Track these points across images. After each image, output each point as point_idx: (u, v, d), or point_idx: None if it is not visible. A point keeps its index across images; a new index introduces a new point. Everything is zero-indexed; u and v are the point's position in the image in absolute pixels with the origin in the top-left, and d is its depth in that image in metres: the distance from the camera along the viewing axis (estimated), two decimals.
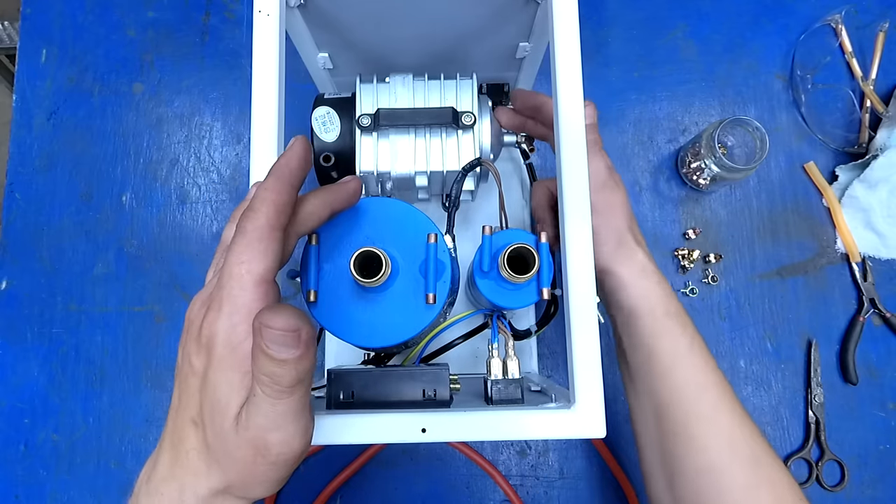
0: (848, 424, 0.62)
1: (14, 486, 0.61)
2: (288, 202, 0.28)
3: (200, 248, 0.66)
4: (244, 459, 0.27)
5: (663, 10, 0.71)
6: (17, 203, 0.67)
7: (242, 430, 0.27)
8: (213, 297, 0.28)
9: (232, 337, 0.27)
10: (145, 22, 0.71)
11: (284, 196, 0.28)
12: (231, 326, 0.27)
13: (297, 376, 0.26)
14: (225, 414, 0.27)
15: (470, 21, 0.47)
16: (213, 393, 0.27)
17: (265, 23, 0.39)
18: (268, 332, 0.25)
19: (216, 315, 0.27)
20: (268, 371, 0.25)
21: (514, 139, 0.54)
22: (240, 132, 0.69)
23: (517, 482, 0.61)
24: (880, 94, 0.69)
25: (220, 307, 0.27)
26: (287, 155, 0.29)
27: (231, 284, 0.27)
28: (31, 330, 0.64)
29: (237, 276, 0.27)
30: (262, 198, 0.28)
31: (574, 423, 0.35)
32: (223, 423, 0.27)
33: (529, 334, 0.46)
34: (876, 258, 0.65)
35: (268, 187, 0.28)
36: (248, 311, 0.27)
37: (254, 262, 0.27)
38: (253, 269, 0.27)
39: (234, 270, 0.27)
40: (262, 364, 0.25)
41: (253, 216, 0.27)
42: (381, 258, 0.34)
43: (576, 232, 0.37)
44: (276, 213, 0.28)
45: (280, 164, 0.29)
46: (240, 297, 0.27)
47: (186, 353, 0.29)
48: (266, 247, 0.27)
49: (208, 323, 0.27)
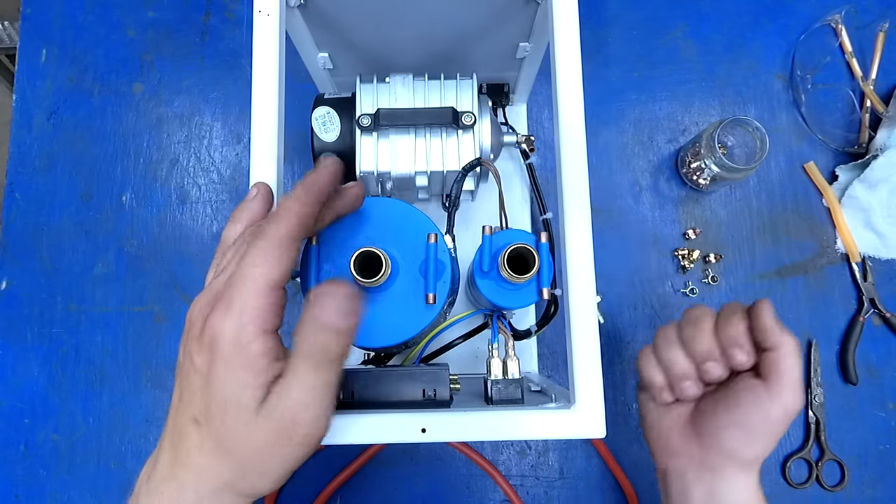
0: (848, 424, 0.62)
1: (14, 486, 0.61)
2: (311, 215, 0.29)
3: (200, 248, 0.66)
4: (263, 447, 0.28)
5: (663, 10, 0.71)
6: (17, 203, 0.67)
7: (266, 417, 0.27)
8: (219, 297, 0.28)
9: (241, 336, 0.27)
10: (145, 22, 0.71)
11: (309, 209, 0.29)
12: (240, 326, 0.27)
13: (342, 350, 0.28)
14: (239, 408, 0.27)
15: (470, 21, 0.47)
16: (222, 390, 0.27)
17: (265, 23, 0.39)
18: (332, 299, 0.27)
19: (223, 315, 0.27)
20: (319, 342, 0.27)
21: (513, 139, 0.54)
22: (240, 132, 0.69)
23: (517, 482, 0.61)
24: (880, 94, 0.69)
25: (228, 307, 0.27)
26: (319, 171, 0.31)
27: (244, 286, 0.27)
28: (31, 330, 0.64)
29: (251, 279, 0.27)
30: (287, 207, 0.29)
31: (574, 423, 0.35)
32: (237, 416, 0.27)
33: (529, 334, 0.46)
34: (876, 258, 0.65)
35: (296, 198, 0.29)
36: (258, 313, 0.27)
37: (269, 267, 0.27)
38: (267, 274, 0.27)
39: (249, 273, 0.27)
40: (314, 335, 0.27)
41: (276, 223, 0.28)
42: (381, 258, 0.34)
43: (576, 232, 0.37)
44: (298, 224, 0.29)
45: (311, 179, 0.30)
46: (251, 299, 0.27)
47: (188, 351, 0.29)
48: (282, 254, 0.28)
49: (214, 322, 0.27)
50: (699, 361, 0.43)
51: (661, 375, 0.46)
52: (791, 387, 0.41)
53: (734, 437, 0.43)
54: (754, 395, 0.42)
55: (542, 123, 0.69)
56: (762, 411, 0.41)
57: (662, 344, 0.45)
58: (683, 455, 0.45)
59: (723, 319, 0.43)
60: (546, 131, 0.69)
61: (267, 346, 0.28)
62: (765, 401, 0.41)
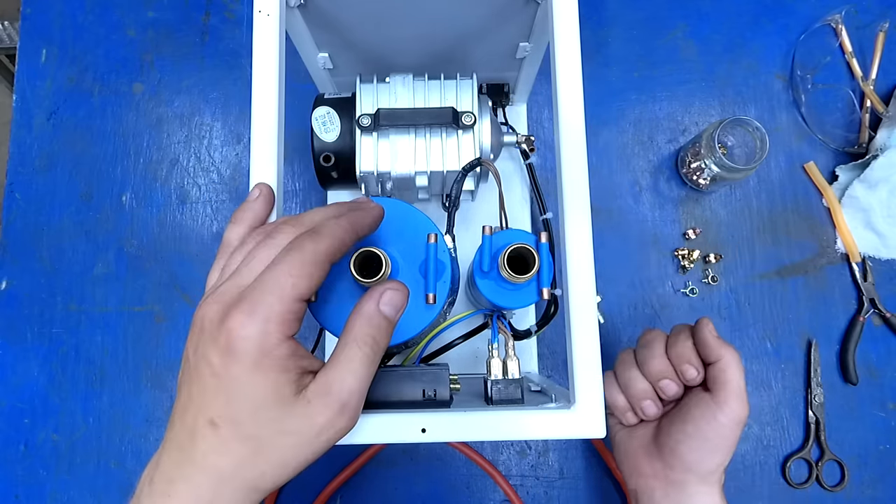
0: (848, 424, 0.62)
1: (14, 486, 0.61)
2: (349, 244, 0.31)
3: (200, 248, 0.66)
4: (298, 440, 0.29)
5: (663, 10, 0.71)
6: (17, 203, 0.67)
7: (309, 407, 0.29)
8: (241, 299, 0.28)
9: (265, 341, 0.28)
10: (145, 22, 0.71)
11: (348, 238, 0.31)
12: (265, 332, 0.28)
13: (388, 340, 0.31)
14: (272, 407, 0.28)
15: (470, 21, 0.47)
16: (252, 393, 0.28)
17: (265, 23, 0.39)
18: (389, 295, 0.31)
19: (246, 318, 0.28)
20: (370, 333, 0.30)
21: (514, 139, 0.54)
22: (240, 132, 0.69)
23: (517, 482, 0.61)
24: (880, 94, 0.69)
25: (252, 311, 0.28)
26: (371, 213, 0.33)
27: (273, 292, 0.28)
28: (31, 330, 0.64)
29: (282, 287, 0.28)
30: (332, 230, 0.30)
31: (574, 423, 0.35)
32: (270, 414, 0.28)
33: (529, 334, 0.46)
34: (876, 258, 0.65)
35: (340, 225, 0.31)
36: (283, 318, 0.28)
37: (301, 279, 0.28)
38: (298, 285, 0.28)
39: (283, 280, 0.28)
40: (368, 326, 0.30)
41: (318, 241, 0.29)
42: (381, 258, 0.34)
43: (576, 232, 0.37)
44: (337, 250, 0.30)
45: (361, 216, 0.32)
46: (276, 306, 0.28)
47: (202, 353, 0.29)
48: (315, 271, 0.29)
49: (236, 325, 0.28)
50: (655, 380, 0.47)
51: (622, 397, 0.49)
52: (735, 395, 0.44)
53: (691, 450, 0.45)
54: (704, 407, 0.45)
55: (542, 123, 0.69)
56: (712, 421, 0.44)
57: (621, 368, 0.49)
58: (649, 474, 0.48)
59: (672, 339, 0.47)
60: (546, 131, 0.69)
61: (292, 349, 0.29)
62: (713, 410, 0.44)
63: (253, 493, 0.29)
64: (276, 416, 0.28)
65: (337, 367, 0.30)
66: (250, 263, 0.30)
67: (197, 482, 0.28)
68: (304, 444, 0.29)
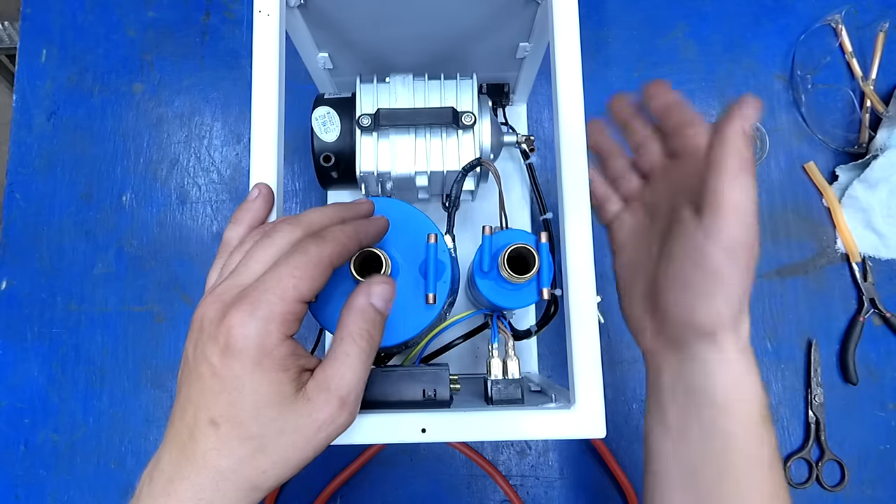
0: (848, 424, 0.62)
1: (14, 486, 0.61)
2: (353, 251, 0.32)
3: (200, 248, 0.66)
4: (301, 437, 0.29)
5: (663, 10, 0.71)
6: (17, 203, 0.67)
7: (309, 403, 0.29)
8: (242, 299, 0.28)
9: (266, 341, 0.28)
10: (145, 22, 0.71)
11: (353, 245, 0.32)
12: (266, 331, 0.28)
13: (381, 334, 0.31)
14: (274, 405, 0.28)
15: (470, 21, 0.47)
16: (252, 392, 0.28)
17: (265, 23, 0.39)
18: (378, 288, 0.31)
19: (246, 318, 0.28)
20: (364, 327, 0.30)
21: (514, 139, 0.54)
22: (240, 132, 0.69)
23: (517, 482, 0.61)
24: (880, 94, 0.69)
25: (253, 310, 0.28)
26: (376, 223, 0.34)
27: (274, 292, 0.28)
28: (31, 330, 0.64)
29: (284, 288, 0.28)
30: (338, 237, 0.31)
31: (574, 423, 0.35)
32: (271, 413, 0.28)
33: (529, 334, 0.46)
34: (876, 258, 0.65)
35: (345, 231, 0.31)
36: (283, 319, 0.28)
37: (304, 280, 0.29)
38: (300, 286, 0.29)
39: (286, 281, 0.28)
40: (361, 321, 0.30)
41: (323, 245, 0.30)
42: (381, 258, 0.34)
43: (576, 232, 0.37)
44: (340, 255, 0.31)
45: (366, 225, 0.33)
46: (278, 306, 0.28)
47: (202, 353, 0.29)
48: (318, 274, 0.29)
49: (236, 324, 0.28)
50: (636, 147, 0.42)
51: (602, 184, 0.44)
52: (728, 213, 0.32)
53: (678, 301, 0.35)
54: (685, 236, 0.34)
55: (542, 123, 0.69)
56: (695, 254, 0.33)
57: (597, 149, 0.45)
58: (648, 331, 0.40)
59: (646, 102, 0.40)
60: (546, 131, 0.69)
61: (291, 348, 0.29)
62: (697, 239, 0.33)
63: (254, 491, 0.29)
64: (277, 414, 0.28)
65: (334, 363, 0.30)
66: (248, 263, 0.30)
67: (197, 481, 0.28)
68: (304, 441, 0.29)
